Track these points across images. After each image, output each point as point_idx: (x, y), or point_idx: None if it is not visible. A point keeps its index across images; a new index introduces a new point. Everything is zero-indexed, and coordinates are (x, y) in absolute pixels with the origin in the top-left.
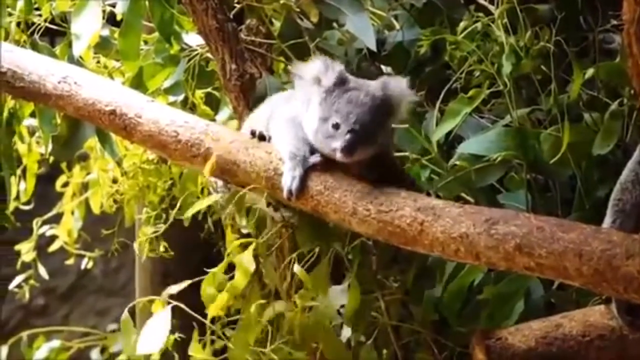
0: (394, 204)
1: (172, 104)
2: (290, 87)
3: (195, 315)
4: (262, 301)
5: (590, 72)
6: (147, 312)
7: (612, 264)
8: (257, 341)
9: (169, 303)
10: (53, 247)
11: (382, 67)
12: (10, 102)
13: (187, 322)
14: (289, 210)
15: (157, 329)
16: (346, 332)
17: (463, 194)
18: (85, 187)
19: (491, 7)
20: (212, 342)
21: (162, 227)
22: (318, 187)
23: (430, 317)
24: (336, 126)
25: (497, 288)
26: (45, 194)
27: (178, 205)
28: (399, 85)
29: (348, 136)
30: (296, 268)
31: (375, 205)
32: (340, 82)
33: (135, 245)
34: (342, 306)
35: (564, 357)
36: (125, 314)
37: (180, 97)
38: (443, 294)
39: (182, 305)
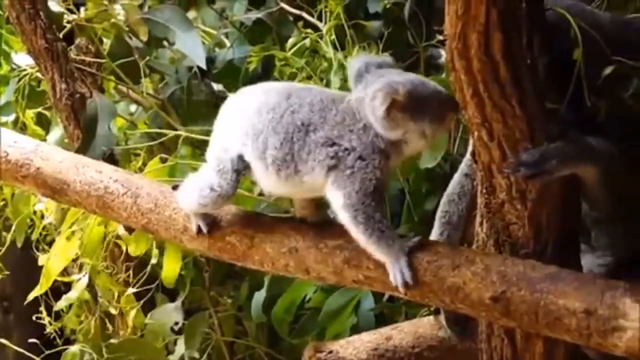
0: (224, 220)
1: (2, 124)
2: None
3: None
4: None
5: None
6: None
7: (438, 275)
8: None
9: None
10: None
11: (213, 84)
12: None
13: None
14: None
15: None
16: (180, 349)
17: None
18: None
19: (319, 24)
20: None
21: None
22: (149, 205)
23: (258, 319)
24: None
25: (328, 302)
26: None
27: (13, 227)
28: None
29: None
30: None
31: None
32: None
33: None
34: (176, 323)
35: None
36: None
37: (11, 117)
38: (269, 302)
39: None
